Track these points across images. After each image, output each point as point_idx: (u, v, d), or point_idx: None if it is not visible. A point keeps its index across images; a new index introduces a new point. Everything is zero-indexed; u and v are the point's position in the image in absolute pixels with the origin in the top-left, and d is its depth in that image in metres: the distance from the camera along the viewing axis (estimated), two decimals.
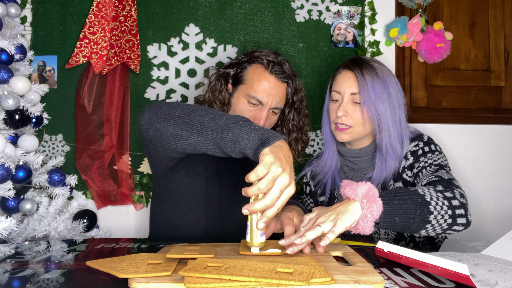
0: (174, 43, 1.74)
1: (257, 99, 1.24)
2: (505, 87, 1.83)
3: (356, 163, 1.30)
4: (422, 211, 0.93)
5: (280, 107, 1.29)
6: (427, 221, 0.94)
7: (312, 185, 1.41)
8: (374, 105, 1.18)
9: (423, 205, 0.94)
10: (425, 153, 1.20)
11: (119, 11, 1.71)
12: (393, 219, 0.92)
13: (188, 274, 0.65)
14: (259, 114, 1.25)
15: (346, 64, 1.26)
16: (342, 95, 1.23)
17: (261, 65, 1.27)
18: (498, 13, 1.83)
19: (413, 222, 0.93)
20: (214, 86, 1.32)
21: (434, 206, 0.95)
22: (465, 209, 0.99)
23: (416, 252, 0.75)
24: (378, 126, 1.21)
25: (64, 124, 1.72)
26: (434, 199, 0.96)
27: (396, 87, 1.23)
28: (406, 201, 0.93)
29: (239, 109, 1.27)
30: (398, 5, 1.79)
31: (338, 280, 0.65)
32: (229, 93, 1.31)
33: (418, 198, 0.94)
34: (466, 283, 0.67)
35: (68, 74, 1.73)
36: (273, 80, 1.26)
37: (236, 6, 1.75)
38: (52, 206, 1.51)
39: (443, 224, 0.96)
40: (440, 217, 0.95)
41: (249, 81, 1.27)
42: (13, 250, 0.98)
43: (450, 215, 0.96)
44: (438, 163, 1.16)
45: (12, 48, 1.46)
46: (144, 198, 1.73)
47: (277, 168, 0.77)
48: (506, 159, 1.78)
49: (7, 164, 1.30)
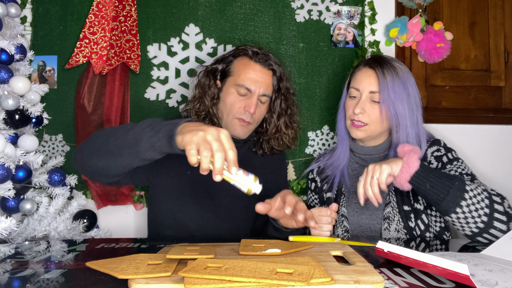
0: (174, 43, 1.74)
1: (246, 87, 1.28)
2: (505, 87, 1.83)
3: (367, 161, 1.30)
4: (454, 192, 1.00)
5: (268, 94, 1.33)
6: (457, 204, 1.00)
7: (319, 180, 1.40)
8: (393, 105, 1.19)
9: (459, 189, 1.00)
10: (451, 161, 1.21)
11: (119, 11, 1.71)
12: (424, 183, 1.03)
13: (188, 275, 0.65)
14: (249, 102, 1.28)
15: (367, 61, 1.27)
16: (361, 92, 1.24)
17: (246, 56, 1.33)
18: (498, 13, 1.83)
19: (444, 197, 1.00)
20: (204, 83, 1.36)
21: (470, 196, 1.00)
22: (508, 217, 1.00)
23: (416, 252, 0.75)
24: (395, 126, 1.22)
25: (64, 124, 1.72)
26: (475, 192, 1.01)
27: (414, 88, 1.24)
28: (443, 177, 1.03)
29: (229, 101, 1.30)
30: (398, 5, 1.79)
31: (338, 280, 0.65)
32: (218, 88, 1.35)
33: (457, 182, 1.01)
34: (466, 283, 0.67)
35: (68, 74, 1.73)
36: (258, 68, 1.31)
37: (236, 6, 1.75)
38: (52, 206, 1.51)
39: (477, 219, 0.99)
40: (474, 208, 0.99)
41: (236, 72, 1.31)
42: (13, 250, 0.98)
43: (486, 213, 0.99)
44: (469, 172, 1.18)
45: (12, 48, 1.46)
46: (144, 198, 1.73)
47: (197, 137, 0.80)
48: (506, 159, 1.78)
49: (7, 164, 1.30)
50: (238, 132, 1.31)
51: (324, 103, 1.76)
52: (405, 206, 1.20)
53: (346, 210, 1.28)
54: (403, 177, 1.04)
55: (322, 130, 1.76)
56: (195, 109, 1.33)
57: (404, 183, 1.05)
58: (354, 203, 1.28)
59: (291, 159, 1.74)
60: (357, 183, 1.25)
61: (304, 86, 1.75)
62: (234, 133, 1.31)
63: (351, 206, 1.28)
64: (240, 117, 1.29)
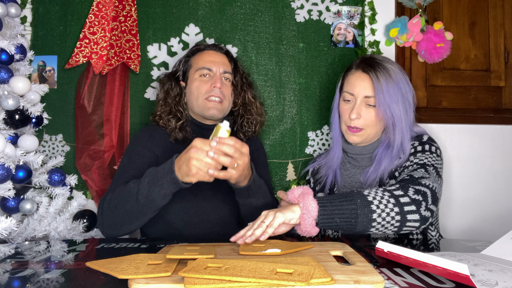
0: (174, 43, 1.74)
1: (206, 68, 1.37)
2: (505, 87, 1.83)
3: (358, 160, 1.31)
4: (362, 210, 0.96)
5: (228, 71, 1.41)
6: (371, 219, 0.97)
7: (312, 181, 1.41)
8: (389, 108, 1.19)
9: (364, 205, 0.97)
10: (416, 153, 1.20)
11: (119, 11, 1.71)
12: (332, 219, 0.96)
13: (188, 275, 0.65)
14: (214, 79, 1.36)
15: (359, 65, 1.25)
16: (356, 97, 1.22)
17: (199, 49, 1.45)
18: (498, 13, 1.83)
19: (356, 221, 0.97)
20: (166, 86, 1.43)
21: (377, 205, 0.97)
22: (416, 205, 1.00)
23: (416, 252, 0.75)
24: (392, 128, 1.21)
25: (64, 124, 1.72)
26: (378, 198, 0.98)
27: (407, 86, 1.23)
28: (344, 202, 0.97)
29: (195, 86, 1.37)
30: (398, 5, 1.79)
31: (338, 280, 0.65)
32: (182, 87, 1.43)
33: (358, 199, 0.98)
34: (466, 283, 0.67)
35: (68, 74, 1.73)
36: (212, 53, 1.42)
37: (236, 6, 1.75)
38: (52, 206, 1.51)
39: (392, 222, 0.98)
40: (385, 214, 0.97)
41: (194, 63, 1.42)
42: (13, 250, 0.98)
43: (397, 212, 0.98)
44: (423, 163, 1.16)
45: (12, 48, 1.46)
46: None
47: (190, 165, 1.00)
48: (506, 159, 1.78)
49: (7, 164, 1.30)
50: (213, 111, 1.35)
51: (324, 103, 1.75)
52: None
53: None
54: (307, 224, 0.95)
55: (322, 130, 1.76)
56: (159, 112, 1.39)
57: (311, 229, 0.96)
58: None
59: (291, 159, 1.74)
60: (347, 183, 1.26)
61: (304, 86, 1.75)
62: (209, 113, 1.35)
63: None
64: (210, 95, 1.34)
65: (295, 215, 0.96)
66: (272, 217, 0.95)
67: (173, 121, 1.36)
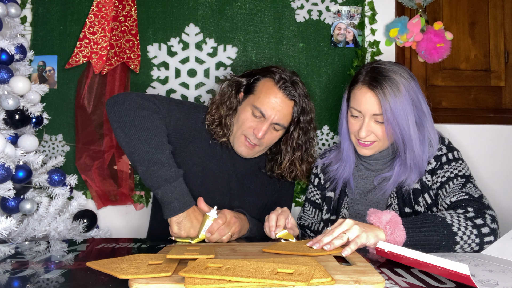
0: (174, 43, 1.74)
1: (261, 111, 1.25)
2: (505, 87, 1.83)
3: (372, 164, 1.29)
4: (447, 242, 0.96)
5: (282, 124, 1.28)
6: (452, 250, 0.97)
7: (322, 178, 1.39)
8: (398, 125, 1.14)
9: (449, 236, 0.96)
10: (449, 161, 1.18)
11: (119, 11, 1.71)
12: (414, 246, 0.93)
13: (189, 275, 0.64)
14: (259, 126, 1.25)
15: (365, 80, 1.19)
16: (364, 114, 1.18)
17: (272, 79, 1.28)
18: (498, 13, 1.83)
19: (437, 250, 0.96)
20: (224, 91, 1.33)
21: (461, 236, 0.97)
22: (495, 235, 1.00)
23: (417, 252, 0.75)
24: (402, 147, 1.18)
25: (64, 124, 1.72)
26: (462, 229, 0.97)
27: (418, 94, 1.18)
28: (431, 233, 0.96)
29: (242, 116, 1.28)
30: (398, 5, 1.79)
31: (338, 280, 0.65)
32: (238, 100, 1.33)
33: (444, 230, 0.96)
34: (467, 283, 0.67)
35: (68, 74, 1.72)
36: (280, 96, 1.26)
37: (236, 6, 1.75)
38: (52, 206, 1.51)
39: (468, 249, 0.99)
40: (467, 246, 0.97)
41: (258, 93, 1.28)
42: (13, 250, 0.98)
43: (477, 243, 0.98)
44: (463, 174, 1.15)
45: (12, 48, 1.46)
46: (144, 198, 1.72)
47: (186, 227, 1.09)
48: (506, 159, 1.78)
49: (7, 164, 1.30)
50: (242, 150, 1.29)
51: (324, 103, 1.75)
52: (406, 208, 1.19)
53: (348, 212, 1.28)
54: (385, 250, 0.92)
55: (322, 130, 1.76)
56: (210, 115, 1.31)
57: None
58: (356, 205, 1.28)
59: None
60: (360, 185, 1.25)
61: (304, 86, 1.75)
62: (238, 150, 1.29)
63: (354, 208, 1.28)
64: (247, 136, 1.27)
65: (377, 241, 0.91)
66: (356, 233, 0.90)
67: (219, 133, 1.30)
